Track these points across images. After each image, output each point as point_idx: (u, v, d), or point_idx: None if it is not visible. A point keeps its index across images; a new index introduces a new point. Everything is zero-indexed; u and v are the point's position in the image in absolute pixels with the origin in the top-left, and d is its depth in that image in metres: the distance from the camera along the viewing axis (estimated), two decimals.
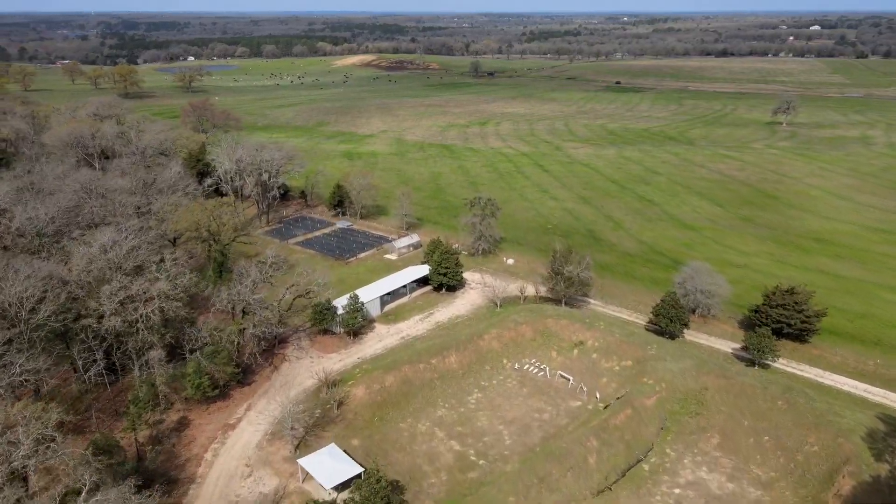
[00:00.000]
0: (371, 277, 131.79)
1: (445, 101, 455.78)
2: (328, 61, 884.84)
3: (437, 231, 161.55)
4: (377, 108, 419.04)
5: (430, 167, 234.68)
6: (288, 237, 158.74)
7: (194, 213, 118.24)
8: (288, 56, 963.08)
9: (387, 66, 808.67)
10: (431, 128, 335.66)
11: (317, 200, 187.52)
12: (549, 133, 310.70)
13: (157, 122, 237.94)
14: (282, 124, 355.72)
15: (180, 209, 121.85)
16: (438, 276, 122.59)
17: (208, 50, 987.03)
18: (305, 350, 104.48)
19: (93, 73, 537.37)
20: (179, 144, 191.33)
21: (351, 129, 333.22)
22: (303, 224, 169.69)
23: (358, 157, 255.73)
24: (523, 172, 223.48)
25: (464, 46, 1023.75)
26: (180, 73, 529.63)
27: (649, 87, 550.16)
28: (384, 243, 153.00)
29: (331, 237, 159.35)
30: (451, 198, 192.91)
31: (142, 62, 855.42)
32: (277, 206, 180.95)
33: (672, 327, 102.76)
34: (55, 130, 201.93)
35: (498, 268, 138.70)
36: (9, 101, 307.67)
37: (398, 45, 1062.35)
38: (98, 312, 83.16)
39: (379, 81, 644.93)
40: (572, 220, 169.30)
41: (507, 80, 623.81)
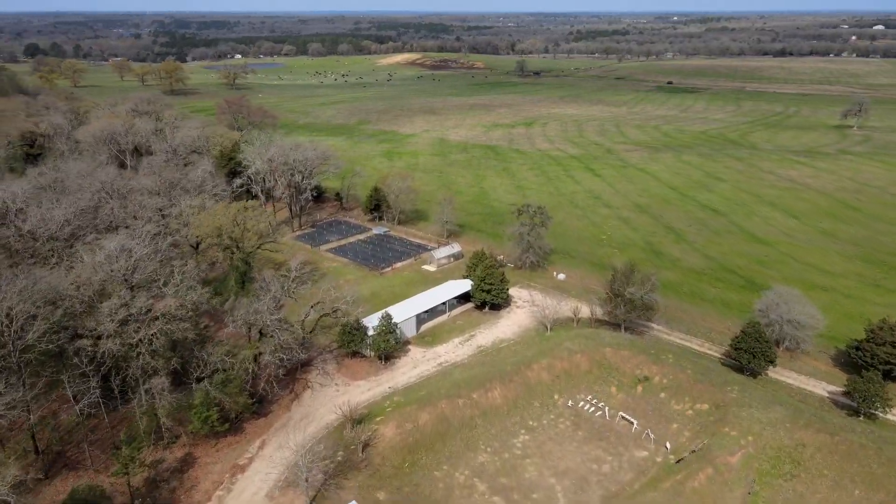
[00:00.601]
0: (407, 291, 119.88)
1: (490, 101, 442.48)
2: (372, 60, 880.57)
3: (480, 240, 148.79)
4: (420, 107, 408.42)
5: (473, 170, 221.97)
6: (320, 243, 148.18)
7: (216, 217, 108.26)
8: (333, 54, 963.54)
9: (431, 64, 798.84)
10: (475, 128, 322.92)
11: (353, 203, 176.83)
12: (600, 135, 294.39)
13: (193, 119, 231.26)
14: (322, 122, 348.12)
15: (202, 213, 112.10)
16: (482, 293, 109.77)
17: (255, 48, 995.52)
18: (331, 375, 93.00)
19: (140, 70, 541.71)
20: (213, 142, 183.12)
21: (392, 129, 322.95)
22: (337, 229, 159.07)
23: (398, 158, 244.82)
24: (573, 177, 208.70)
25: (509, 45, 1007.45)
26: (225, 71, 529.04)
27: (704, 88, 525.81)
28: (422, 252, 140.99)
29: (366, 244, 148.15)
30: (495, 203, 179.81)
31: (190, 60, 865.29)
32: (311, 209, 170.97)
33: (755, 364, 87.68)
34: (88, 126, 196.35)
35: (547, 284, 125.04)
36: (53, 97, 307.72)
37: (443, 43, 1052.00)
38: (96, 333, 73.15)
39: (423, 80, 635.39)
40: (628, 231, 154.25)
41: (553, 80, 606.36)
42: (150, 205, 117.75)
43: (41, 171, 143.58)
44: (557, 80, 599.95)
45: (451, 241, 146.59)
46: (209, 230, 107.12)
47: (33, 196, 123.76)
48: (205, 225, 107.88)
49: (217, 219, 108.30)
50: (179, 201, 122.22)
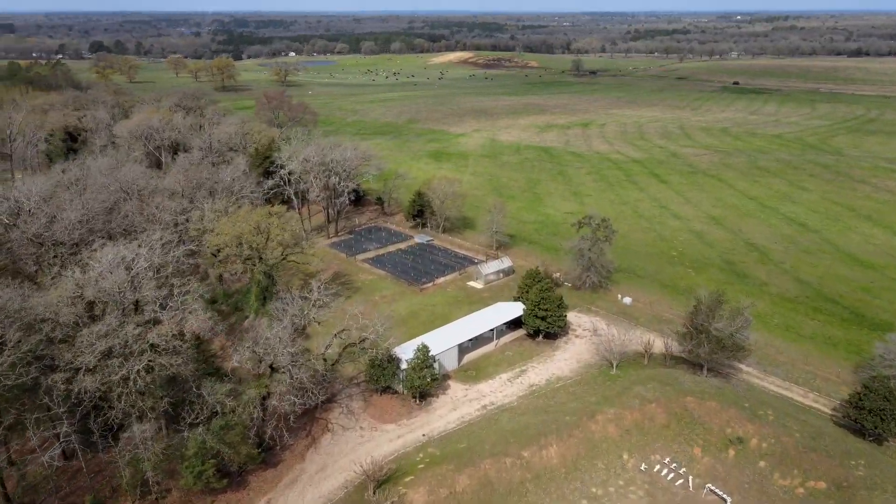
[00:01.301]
0: (449, 312, 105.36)
1: (544, 101, 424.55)
2: (424, 58, 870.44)
3: (533, 253, 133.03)
4: (471, 106, 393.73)
5: (526, 172, 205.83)
6: (356, 252, 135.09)
7: (237, 223, 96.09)
8: (385, 53, 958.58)
9: (483, 63, 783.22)
10: (528, 128, 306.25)
11: (395, 208, 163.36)
12: (663, 137, 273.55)
13: (235, 115, 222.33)
14: (370, 121, 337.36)
15: (224, 218, 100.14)
16: (535, 320, 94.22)
17: (309, 46, 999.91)
18: (356, 416, 79.20)
19: (194, 67, 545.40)
20: (249, 139, 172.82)
21: (441, 128, 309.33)
22: (376, 236, 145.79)
23: (446, 159, 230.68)
24: (636, 182, 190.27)
25: (564, 44, 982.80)
26: (276, 67, 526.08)
27: (773, 89, 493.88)
28: (468, 266, 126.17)
29: (406, 254, 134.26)
30: (550, 210, 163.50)
31: (245, 57, 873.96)
32: (350, 213, 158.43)
33: (883, 428, 69.64)
34: (126, 121, 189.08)
35: (611, 308, 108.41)
36: (102, 91, 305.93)
37: (496, 42, 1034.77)
38: (73, 366, 61.16)
39: (474, 79, 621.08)
40: (703, 247, 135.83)
41: (610, 80, 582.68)
42: (169, 208, 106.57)
43: (65, 168, 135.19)
44: (615, 80, 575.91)
45: (501, 253, 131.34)
46: (228, 238, 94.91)
47: (52, 195, 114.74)
48: (224, 233, 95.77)
49: (238, 226, 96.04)
50: (202, 204, 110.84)
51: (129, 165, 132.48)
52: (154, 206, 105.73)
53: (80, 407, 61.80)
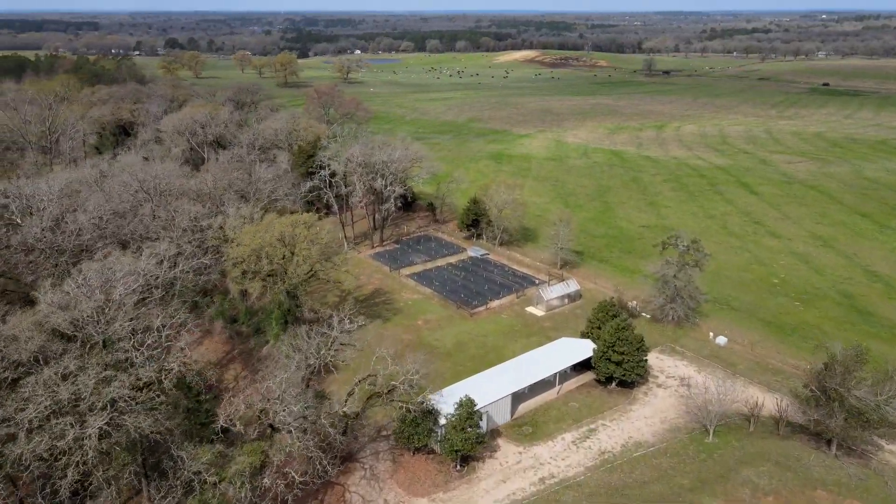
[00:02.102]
0: (504, 345, 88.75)
1: (614, 101, 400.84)
2: (490, 57, 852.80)
3: (604, 274, 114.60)
4: (536, 105, 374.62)
5: (595, 178, 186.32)
6: (402, 265, 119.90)
7: (258, 233, 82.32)
8: (450, 51, 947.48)
9: (550, 62, 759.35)
10: (597, 129, 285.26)
11: (448, 215, 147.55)
12: (748, 142, 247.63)
13: (287, 111, 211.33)
14: (430, 119, 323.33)
15: (248, 226, 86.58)
16: (608, 365, 76.37)
17: (374, 44, 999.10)
18: (380, 483, 63.53)
19: (258, 63, 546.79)
20: (295, 136, 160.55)
21: (504, 128, 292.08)
22: (425, 247, 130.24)
23: (508, 161, 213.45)
24: (722, 193, 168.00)
25: (635, 43, 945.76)
26: (338, 64, 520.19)
27: (869, 91, 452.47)
28: (528, 287, 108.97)
29: (457, 270, 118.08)
30: (623, 223, 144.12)
31: (312, 55, 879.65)
32: (398, 219, 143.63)
33: None
34: (171, 115, 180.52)
35: (701, 349, 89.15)
36: (161, 85, 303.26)
37: (564, 41, 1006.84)
38: (11, 424, 47.78)
39: (540, 78, 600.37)
40: (810, 274, 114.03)
41: (685, 80, 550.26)
42: (189, 212, 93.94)
43: (94, 163, 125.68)
44: (690, 80, 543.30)
45: (566, 273, 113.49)
46: (246, 252, 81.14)
47: (71, 193, 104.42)
48: (245, 244, 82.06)
49: (259, 236, 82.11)
50: (228, 208, 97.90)
51: (155, 162, 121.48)
52: (172, 210, 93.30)
53: (21, 479, 48.51)
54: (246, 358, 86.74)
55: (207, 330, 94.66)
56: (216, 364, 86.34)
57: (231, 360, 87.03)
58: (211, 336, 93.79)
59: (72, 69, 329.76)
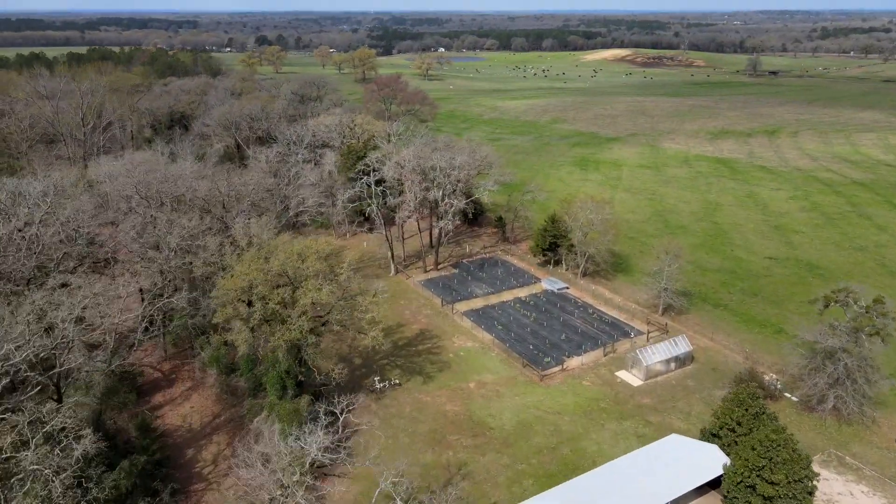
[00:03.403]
0: (584, 432, 63.31)
1: (715, 102, 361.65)
2: (577, 56, 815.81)
3: (723, 324, 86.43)
4: (626, 106, 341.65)
5: (701, 192, 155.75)
6: (458, 296, 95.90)
7: (253, 265, 60.31)
8: (536, 50, 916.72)
9: (642, 61, 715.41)
10: (698, 134, 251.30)
11: (520, 233, 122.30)
12: (888, 152, 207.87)
13: (348, 106, 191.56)
14: (510, 118, 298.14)
15: (247, 253, 64.88)
16: (753, 497, 49.32)
17: (458, 42, 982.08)
18: None
19: (338, 59, 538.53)
20: (350, 133, 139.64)
21: (591, 129, 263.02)
22: (489, 274, 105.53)
23: (594, 167, 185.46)
24: (870, 217, 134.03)
25: (737, 43, 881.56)
26: (418, 61, 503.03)
27: None
28: (619, 338, 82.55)
29: (527, 308, 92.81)
30: (742, 252, 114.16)
31: (395, 52, 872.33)
32: (460, 235, 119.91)
33: None
34: (219, 108, 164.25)
35: (887, 462, 60.16)
36: (231, 78, 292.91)
37: (657, 40, 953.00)
38: None
39: (632, 77, 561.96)
40: None
41: (795, 81, 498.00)
42: (185, 227, 73.34)
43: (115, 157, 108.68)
44: (801, 82, 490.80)
45: (670, 321, 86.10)
46: (233, 289, 59.28)
47: (69, 196, 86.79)
48: (237, 277, 60.22)
49: (253, 268, 59.99)
50: (237, 223, 76.93)
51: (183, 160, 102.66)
52: (165, 224, 72.92)
53: None
54: (235, 427, 65.13)
55: (200, 380, 74.04)
56: (198, 432, 65.25)
57: (217, 429, 65.69)
58: (203, 388, 73.02)
59: (148, 61, 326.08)
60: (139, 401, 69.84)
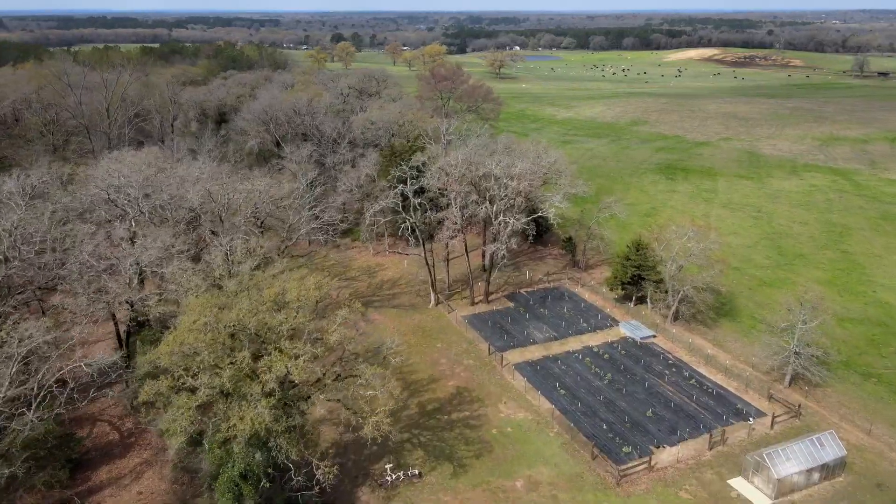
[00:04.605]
0: None
1: (818, 105, 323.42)
2: (660, 55, 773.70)
3: (882, 405, 61.73)
4: (716, 108, 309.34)
5: (820, 211, 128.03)
6: (511, 341, 74.79)
7: (205, 312, 41.67)
8: (616, 49, 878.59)
9: (732, 61, 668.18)
10: (803, 140, 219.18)
11: (594, 257, 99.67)
12: None
13: (401, 101, 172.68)
14: (586, 119, 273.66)
15: (196, 299, 46.27)
16: None
17: (534, 40, 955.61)
18: None
19: (407, 56, 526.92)
20: (401, 131, 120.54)
21: (677, 133, 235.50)
22: (553, 310, 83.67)
23: (683, 176, 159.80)
24: None
25: (838, 42, 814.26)
26: (490, 58, 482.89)
27: None
28: (732, 420, 59.41)
29: (601, 363, 70.61)
30: (890, 296, 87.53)
31: (470, 51, 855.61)
32: (520, 255, 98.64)
33: None
34: (257, 101, 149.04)
35: None
36: (292, 73, 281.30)
37: (747, 38, 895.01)
38: None
39: (721, 78, 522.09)
40: None
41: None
42: (149, 247, 55.72)
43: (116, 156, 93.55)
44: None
45: (802, 394, 62.11)
46: (165, 356, 40.74)
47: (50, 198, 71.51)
48: (175, 338, 41.72)
49: (203, 317, 41.28)
50: (217, 240, 58.83)
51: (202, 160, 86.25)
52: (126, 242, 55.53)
53: None
54: None
55: (159, 449, 56.30)
56: None
57: None
58: (160, 463, 55.16)
59: (212, 55, 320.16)
60: (74, 478, 52.80)
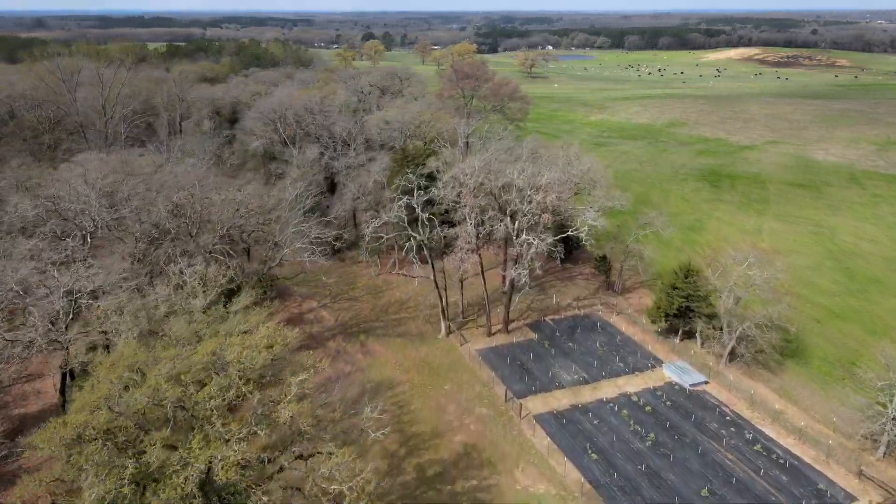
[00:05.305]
0: None
1: (871, 107, 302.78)
2: (698, 55, 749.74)
3: None
4: (759, 110, 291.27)
5: (888, 227, 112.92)
6: (532, 383, 62.61)
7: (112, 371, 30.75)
8: (652, 49, 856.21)
9: (774, 61, 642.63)
10: (857, 144, 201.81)
11: (631, 276, 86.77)
12: None
13: (422, 100, 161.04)
14: (620, 121, 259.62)
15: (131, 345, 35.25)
16: None
17: (567, 40, 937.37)
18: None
19: (437, 54, 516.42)
20: (418, 131, 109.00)
21: (719, 135, 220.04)
22: (583, 344, 71.16)
23: (729, 183, 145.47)
24: None
25: (886, 42, 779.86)
26: (521, 57, 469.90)
27: None
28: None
29: (643, 419, 57.95)
30: None
31: (501, 50, 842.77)
32: (548, 275, 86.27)
33: None
34: (266, 99, 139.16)
35: None
36: (314, 70, 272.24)
37: (790, 37, 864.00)
38: None
39: (762, 78, 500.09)
40: None
41: None
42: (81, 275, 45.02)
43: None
44: None
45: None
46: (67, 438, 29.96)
47: None
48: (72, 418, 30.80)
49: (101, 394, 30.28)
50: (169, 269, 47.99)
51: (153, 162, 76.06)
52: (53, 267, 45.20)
53: None
54: None
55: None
56: None
57: None
58: None
59: (235, 52, 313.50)
60: None
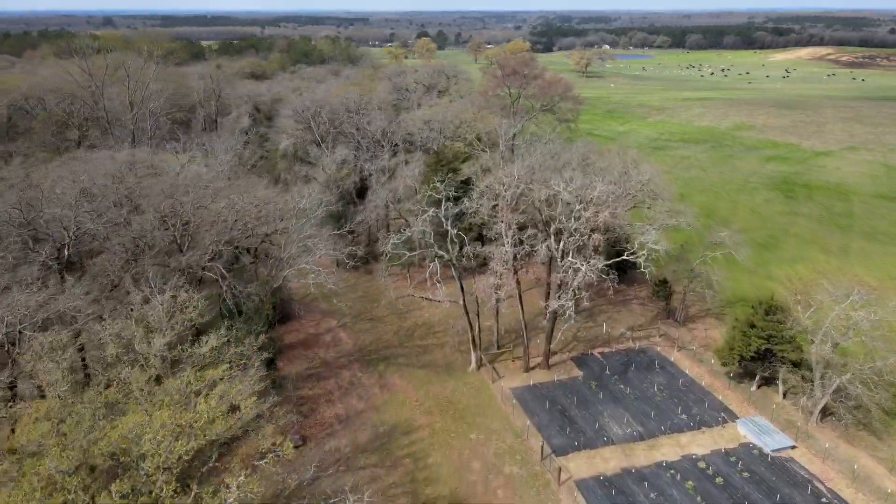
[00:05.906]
0: None
1: None
2: (763, 55, 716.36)
3: None
4: (834, 112, 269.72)
5: None
6: (575, 436, 52.11)
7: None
8: (715, 48, 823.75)
9: (848, 61, 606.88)
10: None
11: (695, 303, 74.84)
12: None
13: (468, 97, 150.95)
14: (681, 123, 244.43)
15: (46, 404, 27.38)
16: None
17: (625, 39, 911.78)
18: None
19: (489, 53, 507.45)
20: (461, 131, 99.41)
21: (790, 140, 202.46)
22: (639, 384, 60.09)
23: (805, 194, 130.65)
24: None
25: None
26: (576, 56, 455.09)
27: None
28: None
29: (715, 492, 46.68)
30: None
31: (556, 49, 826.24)
32: (594, 300, 75.22)
33: None
34: (303, 95, 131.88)
35: None
36: (362, 68, 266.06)
37: (865, 37, 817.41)
38: None
39: (836, 79, 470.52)
40: None
41: None
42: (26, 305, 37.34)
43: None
44: None
45: None
46: None
47: None
48: None
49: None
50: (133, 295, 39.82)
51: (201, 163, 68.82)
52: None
53: None
54: None
55: None
56: None
57: None
58: None
59: (285, 49, 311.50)
60: None
